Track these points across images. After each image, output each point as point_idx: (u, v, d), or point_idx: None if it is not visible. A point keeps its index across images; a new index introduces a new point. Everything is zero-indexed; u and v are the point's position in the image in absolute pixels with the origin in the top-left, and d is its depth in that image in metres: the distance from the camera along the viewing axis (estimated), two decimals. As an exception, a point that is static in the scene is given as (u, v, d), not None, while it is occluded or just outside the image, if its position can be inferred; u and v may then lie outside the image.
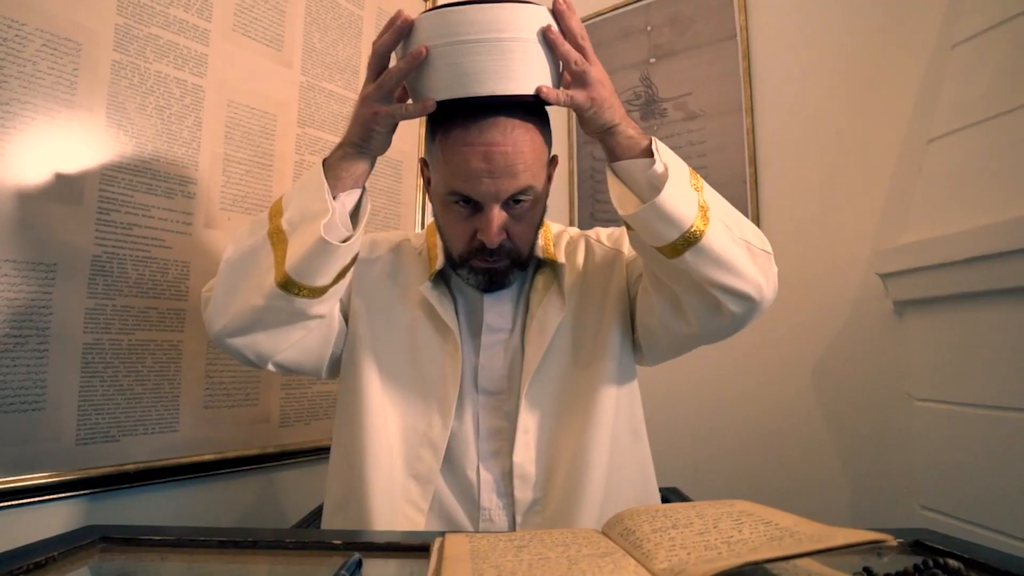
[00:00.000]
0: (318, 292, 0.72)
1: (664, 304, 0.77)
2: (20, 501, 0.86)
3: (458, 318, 0.84)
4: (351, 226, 0.73)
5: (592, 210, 1.75)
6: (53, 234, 0.91)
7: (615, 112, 0.70)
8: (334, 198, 0.71)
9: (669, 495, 1.01)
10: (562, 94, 0.68)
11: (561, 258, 0.86)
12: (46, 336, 0.89)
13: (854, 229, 1.33)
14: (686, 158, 1.66)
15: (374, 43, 0.70)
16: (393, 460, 0.78)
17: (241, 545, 0.59)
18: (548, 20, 0.69)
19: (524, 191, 0.74)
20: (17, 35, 0.88)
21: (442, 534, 0.54)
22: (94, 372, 0.94)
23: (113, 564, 0.57)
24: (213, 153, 1.12)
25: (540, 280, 0.85)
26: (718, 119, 1.54)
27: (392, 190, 1.49)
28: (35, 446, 0.87)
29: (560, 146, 1.83)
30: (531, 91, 0.68)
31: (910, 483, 1.16)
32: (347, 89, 1.39)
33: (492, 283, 0.80)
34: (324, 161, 0.73)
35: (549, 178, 0.83)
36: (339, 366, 0.85)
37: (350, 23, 1.41)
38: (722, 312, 0.72)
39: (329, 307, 0.77)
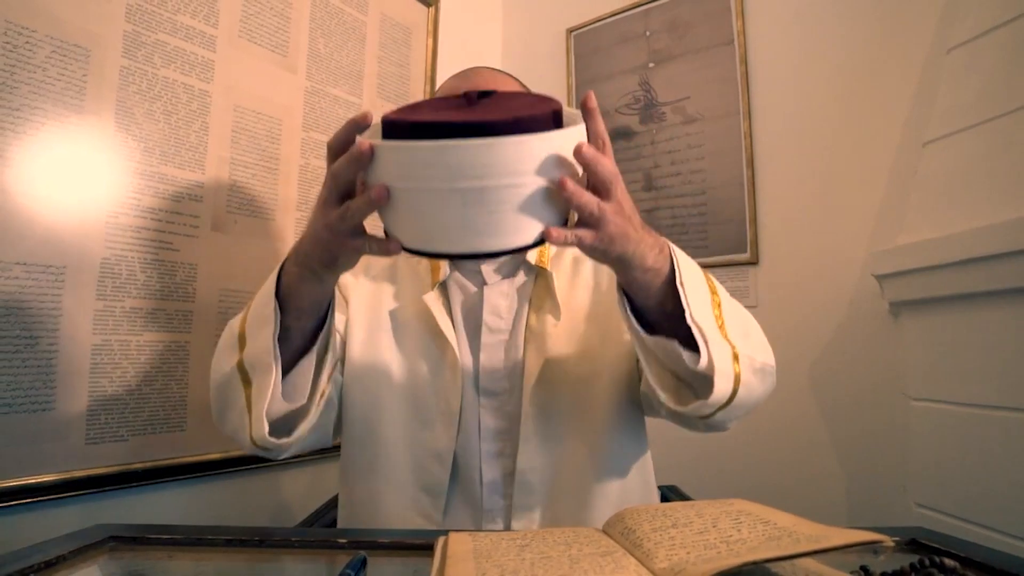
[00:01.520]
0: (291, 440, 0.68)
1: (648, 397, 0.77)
2: (29, 500, 0.86)
3: (459, 317, 0.84)
4: (309, 385, 0.67)
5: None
6: (62, 237, 0.91)
7: (628, 240, 0.57)
8: (289, 337, 0.64)
9: (669, 493, 1.02)
10: (570, 235, 0.55)
11: (551, 267, 0.85)
12: (56, 337, 0.90)
13: (850, 231, 1.34)
14: (684, 161, 1.69)
15: (329, 153, 0.57)
16: (402, 475, 0.78)
17: (248, 544, 0.59)
18: (555, 149, 0.51)
19: None
20: (27, 42, 0.89)
21: (445, 533, 0.55)
22: (103, 373, 0.95)
23: (122, 563, 0.58)
24: (220, 157, 1.13)
25: (541, 286, 0.85)
26: (716, 123, 1.55)
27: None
28: (44, 445, 0.88)
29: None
30: (524, 243, 0.53)
31: (906, 481, 1.17)
32: (351, 94, 1.40)
33: None
34: (280, 272, 0.64)
35: None
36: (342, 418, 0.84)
37: (354, 29, 1.42)
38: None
39: (311, 426, 0.71)
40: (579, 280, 0.87)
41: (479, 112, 0.54)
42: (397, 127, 0.52)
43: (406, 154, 0.50)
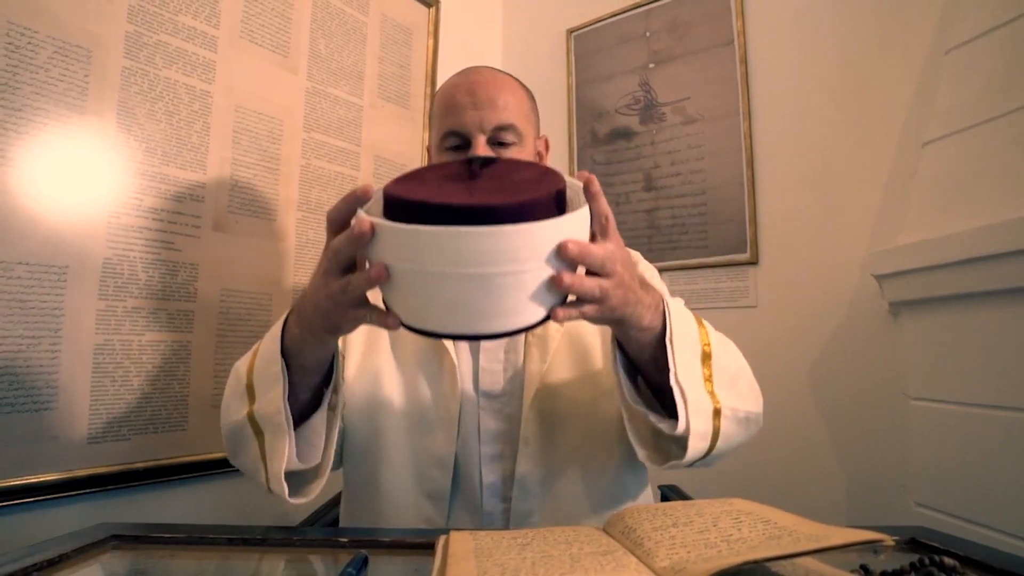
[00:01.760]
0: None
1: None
2: (32, 499, 0.87)
3: None
4: (322, 445, 0.68)
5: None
6: (65, 237, 0.92)
7: (627, 304, 0.59)
8: (296, 392, 0.65)
9: (669, 493, 1.02)
10: (575, 312, 0.56)
11: None
12: (58, 337, 0.90)
13: (850, 231, 1.34)
14: (684, 161, 1.69)
15: (329, 226, 0.57)
16: (405, 483, 0.79)
17: (250, 542, 0.59)
18: (558, 236, 0.50)
19: (508, 127, 0.80)
20: (29, 42, 0.89)
21: (446, 532, 0.55)
22: (105, 372, 0.95)
23: (124, 561, 0.58)
24: (221, 157, 1.13)
25: None
26: (716, 123, 1.55)
27: (395, 193, 1.51)
28: (47, 445, 0.89)
29: (560, 148, 1.84)
30: (525, 324, 0.53)
31: (905, 481, 1.17)
32: (352, 94, 1.41)
33: None
34: (284, 327, 0.65)
35: (540, 155, 0.90)
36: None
37: (355, 29, 1.43)
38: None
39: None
40: None
41: (482, 191, 0.53)
42: (398, 204, 0.52)
43: (407, 237, 0.49)
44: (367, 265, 0.55)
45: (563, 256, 0.50)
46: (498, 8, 2.01)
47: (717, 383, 0.67)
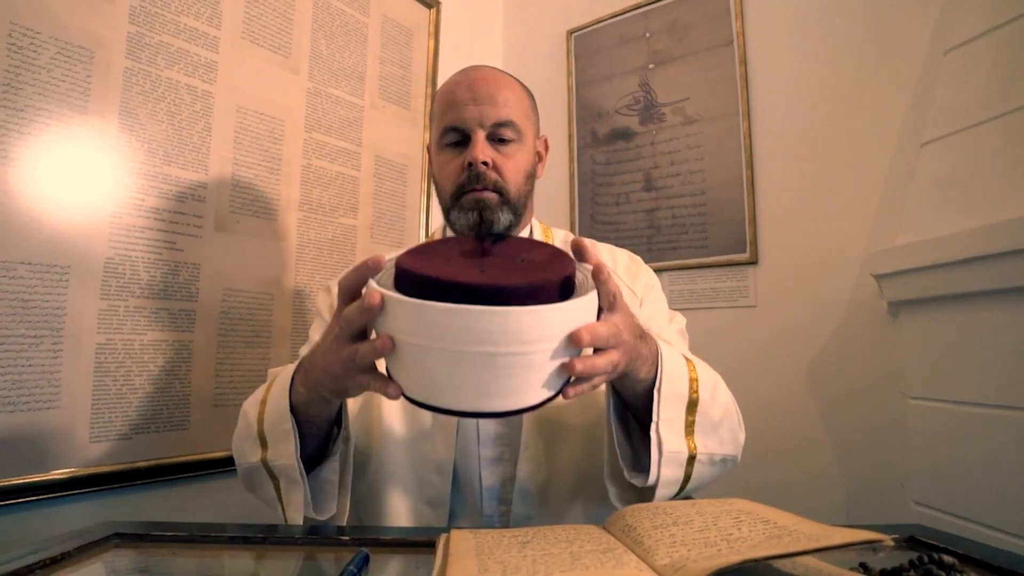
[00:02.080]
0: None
1: None
2: (35, 497, 0.87)
3: None
4: (337, 496, 0.70)
5: (592, 212, 1.77)
6: (67, 237, 0.92)
7: (630, 364, 0.61)
8: (305, 442, 0.67)
9: (669, 492, 1.02)
10: (587, 387, 0.57)
11: None
12: (60, 336, 0.91)
13: (849, 231, 1.35)
14: (684, 161, 1.70)
15: (341, 294, 0.57)
16: (405, 491, 0.79)
17: (252, 540, 0.60)
18: (567, 320, 0.51)
19: (507, 124, 0.81)
20: (32, 43, 0.90)
21: (447, 530, 0.55)
22: (107, 371, 0.96)
23: (126, 559, 0.58)
24: (223, 157, 1.14)
25: None
26: (715, 123, 1.56)
27: (397, 193, 1.51)
28: (49, 444, 0.89)
29: (560, 148, 1.85)
30: (528, 404, 0.53)
31: (904, 479, 1.17)
32: (353, 95, 1.41)
33: (482, 221, 0.79)
34: (291, 384, 0.67)
35: (539, 155, 0.89)
36: None
37: (355, 30, 1.43)
38: None
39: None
40: None
41: (492, 269, 0.54)
42: (409, 277, 0.52)
43: (416, 312, 0.49)
44: (374, 334, 0.55)
45: (576, 345, 0.51)
46: (499, 9, 2.02)
47: (699, 429, 0.70)
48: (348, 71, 1.40)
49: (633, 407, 0.70)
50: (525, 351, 0.49)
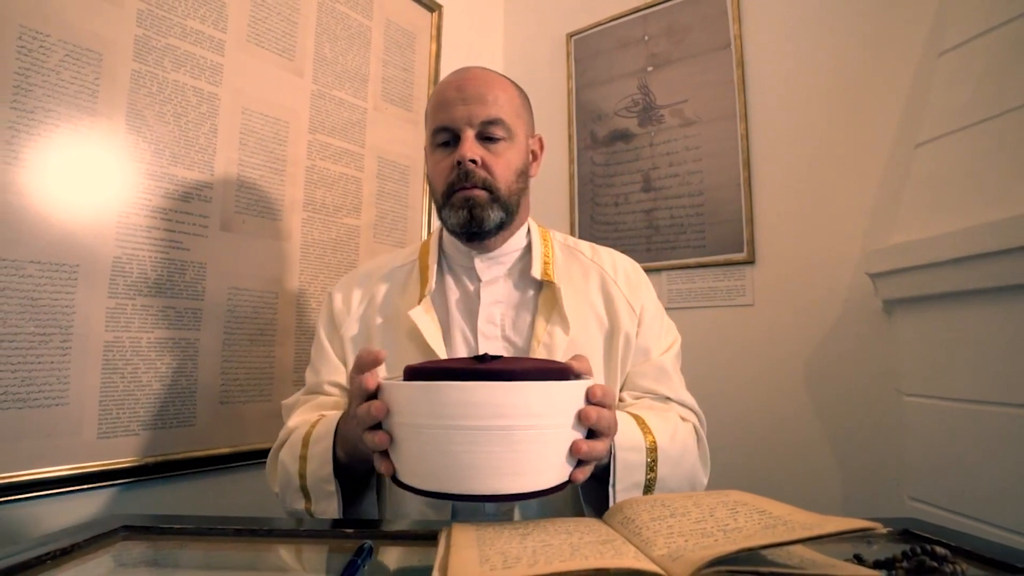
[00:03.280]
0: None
1: None
2: (44, 492, 0.88)
3: (456, 317, 0.86)
4: (375, 512, 0.78)
5: (592, 212, 1.79)
6: (75, 236, 0.93)
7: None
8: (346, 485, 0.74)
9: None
10: (588, 470, 0.59)
11: (558, 280, 0.86)
12: (69, 334, 0.92)
13: (845, 230, 1.36)
14: (682, 163, 1.72)
15: (353, 401, 0.62)
16: (406, 493, 0.81)
17: (257, 533, 0.60)
18: (571, 397, 0.55)
19: (496, 122, 0.81)
20: (41, 46, 0.91)
21: (449, 523, 0.56)
22: (114, 369, 0.97)
23: (134, 552, 0.59)
24: (228, 158, 1.15)
25: (547, 297, 0.85)
26: (713, 125, 1.58)
27: (399, 194, 1.53)
28: (58, 439, 0.90)
29: (560, 151, 1.86)
30: (544, 486, 0.54)
31: (899, 475, 1.18)
32: (356, 97, 1.43)
33: (472, 219, 0.81)
34: (333, 452, 0.72)
35: (534, 154, 0.90)
36: None
37: (359, 34, 1.45)
38: None
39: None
40: (586, 300, 0.88)
41: (495, 364, 0.57)
42: (422, 374, 0.56)
43: (428, 393, 0.52)
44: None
45: (584, 422, 0.56)
46: (499, 12, 2.03)
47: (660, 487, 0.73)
48: (351, 74, 1.42)
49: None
50: (540, 425, 0.52)
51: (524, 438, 0.52)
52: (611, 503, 0.67)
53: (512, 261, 0.89)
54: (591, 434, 0.58)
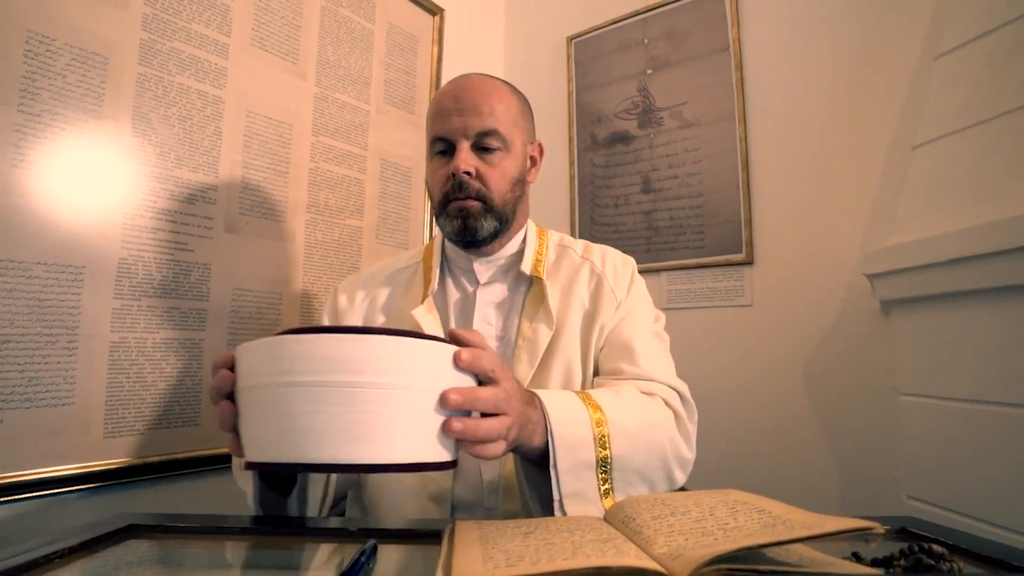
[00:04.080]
0: None
1: None
2: (51, 491, 0.89)
3: (454, 320, 0.87)
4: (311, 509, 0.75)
5: (592, 214, 1.80)
6: (81, 238, 0.94)
7: (520, 431, 0.60)
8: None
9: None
10: (488, 453, 0.56)
11: (547, 276, 0.87)
12: (75, 335, 0.93)
13: (842, 232, 1.37)
14: (682, 164, 1.73)
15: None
16: (408, 488, 0.81)
17: (263, 532, 0.61)
18: (435, 365, 0.50)
19: (491, 133, 0.82)
20: (48, 50, 0.92)
21: (452, 521, 0.56)
22: (120, 369, 0.98)
23: (141, 550, 0.59)
24: (232, 161, 1.16)
25: (534, 295, 0.87)
26: (712, 127, 1.59)
27: (402, 195, 1.54)
28: (65, 439, 0.91)
29: (560, 151, 1.87)
30: (401, 459, 0.49)
31: (897, 474, 1.19)
32: (359, 99, 1.44)
33: (466, 228, 0.82)
34: None
35: (533, 160, 0.91)
36: None
37: (361, 37, 1.46)
38: None
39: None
40: (573, 295, 0.88)
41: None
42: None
43: (269, 348, 0.48)
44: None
45: (446, 405, 0.50)
46: (500, 16, 2.04)
47: (620, 485, 0.68)
48: (354, 76, 1.43)
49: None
50: (381, 384, 0.47)
51: (371, 398, 0.46)
52: (556, 486, 0.64)
53: (509, 264, 0.91)
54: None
